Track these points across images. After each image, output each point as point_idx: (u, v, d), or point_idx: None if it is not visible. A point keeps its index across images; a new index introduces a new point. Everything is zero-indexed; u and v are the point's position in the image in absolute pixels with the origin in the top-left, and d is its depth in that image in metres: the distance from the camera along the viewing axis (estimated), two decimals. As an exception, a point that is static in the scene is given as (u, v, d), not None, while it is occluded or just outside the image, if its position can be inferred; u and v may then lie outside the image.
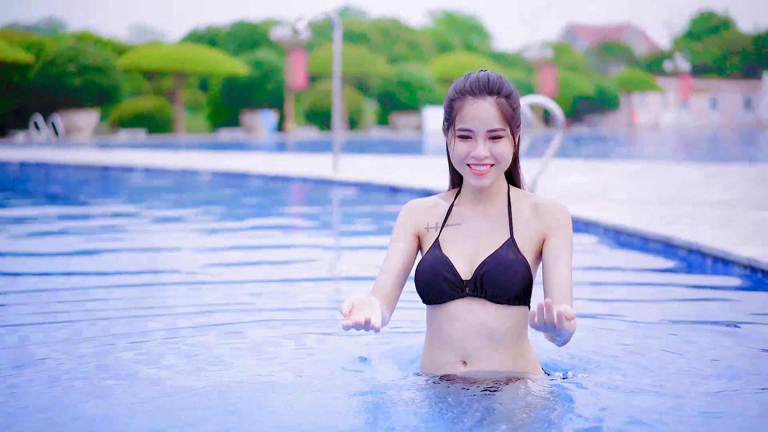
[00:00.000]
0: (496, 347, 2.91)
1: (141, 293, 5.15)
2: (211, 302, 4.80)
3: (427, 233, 3.00)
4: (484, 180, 2.87)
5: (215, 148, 26.89)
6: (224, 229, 8.41)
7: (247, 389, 3.10)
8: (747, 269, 5.53)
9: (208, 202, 11.33)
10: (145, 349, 3.71)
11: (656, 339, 3.94)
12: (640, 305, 4.96)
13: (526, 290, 2.90)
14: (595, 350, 3.62)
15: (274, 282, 5.46)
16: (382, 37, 53.27)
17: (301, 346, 3.78)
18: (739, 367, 3.43)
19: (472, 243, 2.94)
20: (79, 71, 35.54)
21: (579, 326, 4.05)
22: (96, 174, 15.91)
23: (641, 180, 12.30)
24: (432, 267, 2.91)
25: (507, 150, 2.87)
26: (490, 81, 2.86)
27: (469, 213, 2.97)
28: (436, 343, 2.97)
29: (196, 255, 6.71)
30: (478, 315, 2.90)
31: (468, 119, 2.84)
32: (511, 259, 2.87)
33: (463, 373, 2.93)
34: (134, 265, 6.24)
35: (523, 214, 2.94)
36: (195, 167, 15.36)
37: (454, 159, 2.90)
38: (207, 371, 3.34)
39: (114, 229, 8.37)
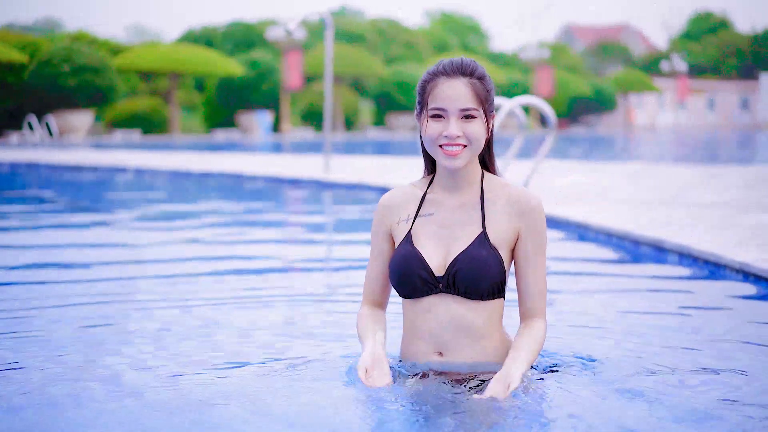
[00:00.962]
0: (472, 340, 2.91)
1: (122, 295, 5.06)
2: (193, 304, 4.71)
3: (398, 227, 2.99)
4: (456, 161, 2.84)
5: (210, 148, 26.79)
6: (208, 230, 8.28)
7: (224, 383, 3.11)
8: (739, 274, 5.41)
9: (195, 204, 11.19)
10: (126, 353, 3.63)
11: (641, 343, 3.84)
12: (627, 309, 4.83)
13: (500, 285, 2.90)
14: (577, 351, 3.56)
15: (253, 283, 5.34)
16: (379, 37, 53.18)
17: (278, 345, 3.72)
18: (724, 373, 3.35)
19: (444, 235, 2.92)
20: (73, 71, 35.41)
21: (565, 328, 4.11)
22: (86, 175, 15.77)
23: (636, 181, 12.18)
24: (405, 263, 2.91)
25: (480, 131, 2.85)
26: (463, 63, 2.87)
27: (442, 201, 2.95)
28: (411, 335, 2.98)
29: (177, 257, 6.60)
30: (453, 310, 2.90)
31: (441, 98, 2.83)
32: (483, 256, 2.85)
33: (440, 364, 2.93)
34: (117, 267, 6.13)
35: (497, 206, 2.92)
36: (186, 168, 15.22)
37: (426, 141, 2.87)
38: (189, 376, 3.27)
39: (99, 231, 8.25)
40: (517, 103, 9.55)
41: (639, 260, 6.42)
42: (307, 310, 4.64)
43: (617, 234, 7.00)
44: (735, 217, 7.77)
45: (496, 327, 2.94)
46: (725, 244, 6.03)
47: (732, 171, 14.19)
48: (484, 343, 2.92)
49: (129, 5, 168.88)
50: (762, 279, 5.17)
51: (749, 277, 5.30)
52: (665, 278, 5.80)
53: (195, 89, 45.88)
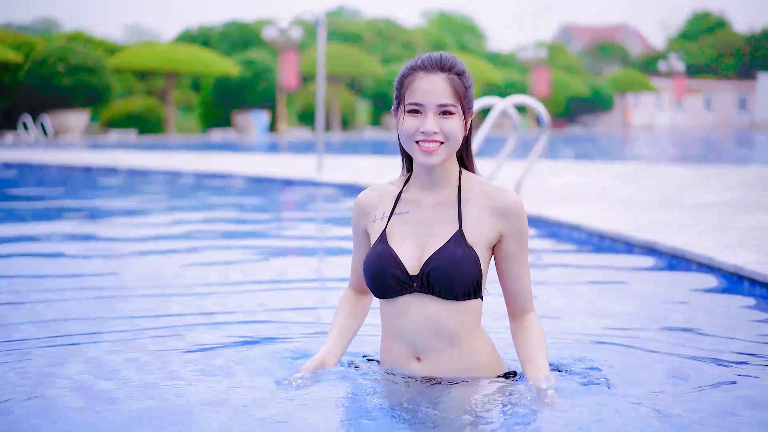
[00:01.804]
0: (449, 342, 2.83)
1: (104, 298, 4.96)
2: (175, 307, 4.63)
3: (374, 225, 2.93)
4: (432, 157, 2.76)
5: (205, 149, 26.69)
6: (194, 232, 8.17)
7: (199, 388, 3.05)
8: (733, 276, 5.29)
9: (183, 205, 11.08)
10: (101, 358, 3.55)
11: (631, 346, 3.76)
12: (618, 312, 4.74)
13: (476, 285, 2.81)
14: (564, 355, 3.49)
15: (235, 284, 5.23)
16: (377, 37, 53.10)
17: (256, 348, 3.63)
18: (707, 376, 3.28)
19: (419, 234, 2.85)
20: (68, 71, 35.31)
21: (553, 332, 4.02)
22: (77, 175, 15.65)
23: (631, 182, 12.07)
24: (378, 262, 2.84)
25: (457, 128, 2.77)
26: (442, 58, 2.80)
27: (418, 200, 2.88)
28: (389, 337, 2.92)
29: (163, 258, 6.51)
30: (428, 310, 2.82)
31: (418, 93, 2.76)
32: (458, 255, 2.77)
33: (420, 373, 2.87)
34: (100, 268, 6.02)
35: (475, 205, 2.84)
36: (178, 169, 15.10)
37: (402, 136, 2.80)
38: (166, 381, 3.21)
39: (85, 231, 8.13)
40: (510, 103, 9.44)
41: (632, 263, 6.30)
42: (289, 315, 4.54)
43: (610, 236, 6.89)
44: (731, 218, 7.66)
45: (474, 329, 2.87)
46: (720, 247, 5.92)
47: (729, 171, 14.09)
48: (461, 347, 2.84)
49: (128, 5, 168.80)
50: (756, 282, 5.05)
51: (743, 279, 5.19)
52: (657, 281, 5.68)
53: (191, 89, 45.77)
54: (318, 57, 13.76)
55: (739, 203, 8.95)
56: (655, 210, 8.40)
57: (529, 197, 9.62)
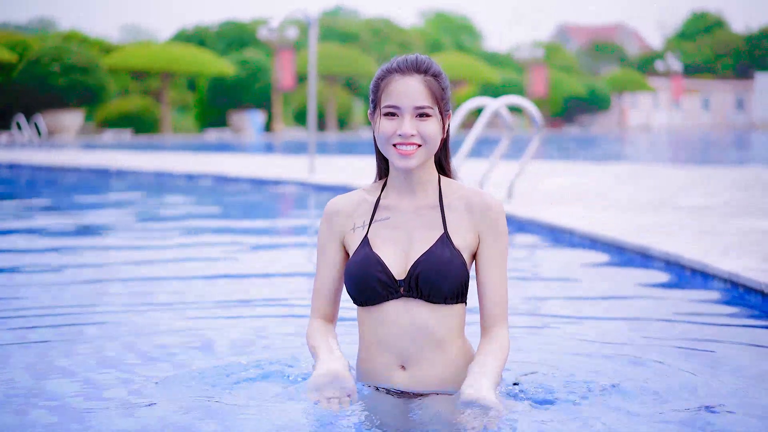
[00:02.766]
0: (435, 348, 2.77)
1: (85, 301, 4.87)
2: (155, 310, 4.56)
3: (353, 233, 2.84)
4: (410, 161, 2.72)
5: (201, 149, 26.57)
6: (180, 233, 8.02)
7: (176, 407, 2.93)
8: (728, 284, 5.13)
9: (171, 206, 10.91)
10: (80, 361, 3.49)
11: (619, 356, 3.66)
12: (606, 319, 4.61)
13: (463, 288, 2.77)
14: (551, 363, 3.43)
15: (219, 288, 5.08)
16: (374, 37, 52.94)
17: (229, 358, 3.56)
18: (702, 390, 3.16)
19: (403, 239, 2.79)
20: (63, 71, 35.16)
21: (540, 338, 3.95)
22: (67, 176, 15.48)
23: (626, 183, 11.93)
24: (363, 267, 2.76)
25: (435, 130, 2.73)
26: (418, 60, 2.75)
27: (397, 205, 2.82)
28: (371, 348, 2.82)
29: (147, 260, 6.40)
30: (415, 316, 2.76)
31: (395, 95, 2.72)
32: (446, 256, 2.73)
33: (404, 384, 2.78)
34: (82, 270, 5.92)
35: (456, 208, 2.80)
36: (169, 170, 14.94)
37: (379, 140, 2.75)
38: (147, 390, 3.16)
39: (68, 232, 7.97)
40: (502, 103, 9.28)
41: (624, 268, 6.15)
42: (267, 322, 4.40)
43: (603, 240, 6.73)
44: (727, 221, 7.51)
45: (459, 335, 2.81)
46: (713, 252, 5.76)
47: (725, 173, 13.94)
48: (447, 353, 2.78)
49: (125, 5, 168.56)
50: (750, 289, 4.89)
51: (738, 286, 5.03)
52: (649, 287, 5.52)
53: (188, 89, 45.61)
54: (309, 56, 13.61)
55: (735, 206, 8.80)
56: (650, 212, 8.24)
57: (522, 199, 9.46)
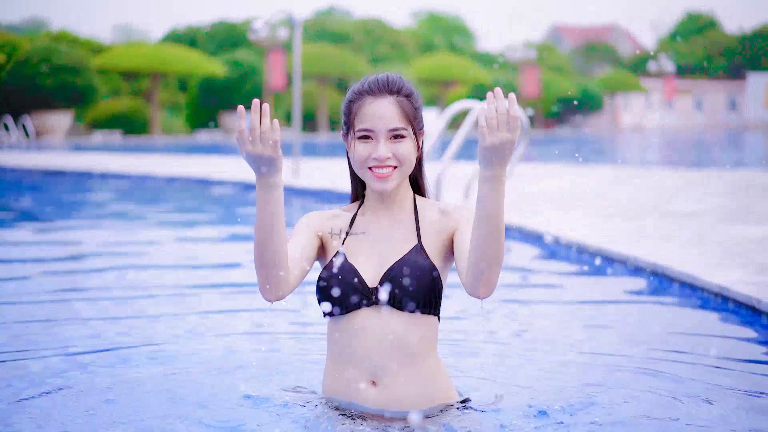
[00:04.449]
0: (406, 362, 2.72)
1: (62, 303, 4.84)
2: (132, 315, 4.53)
3: (330, 239, 2.82)
4: (386, 183, 2.72)
5: (190, 150, 26.37)
6: (157, 237, 7.80)
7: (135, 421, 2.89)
8: (717, 297, 4.91)
9: (150, 210, 10.67)
10: (53, 365, 3.48)
11: (601, 371, 3.54)
12: (588, 331, 4.41)
13: (436, 297, 2.74)
14: (521, 378, 3.38)
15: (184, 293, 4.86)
16: (366, 37, 52.75)
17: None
18: (682, 409, 3.04)
19: (378, 250, 2.78)
20: (52, 71, 34.88)
21: (521, 350, 3.84)
22: (48, 179, 15.23)
23: (615, 188, 11.72)
24: (336, 274, 2.73)
25: (410, 151, 2.73)
26: (389, 80, 2.75)
27: (374, 221, 2.83)
28: (340, 361, 2.77)
29: (119, 265, 6.26)
30: (386, 325, 2.72)
31: (368, 118, 2.71)
32: (420, 263, 2.72)
33: (375, 408, 2.72)
34: (60, 273, 5.86)
35: (431, 220, 2.81)
36: (152, 172, 14.69)
37: (354, 163, 2.74)
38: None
39: (45, 236, 7.75)
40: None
41: (609, 279, 5.92)
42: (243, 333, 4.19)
43: (589, 250, 6.50)
44: (716, 228, 7.29)
45: (431, 351, 2.77)
46: (703, 263, 5.54)
47: (716, 176, 13.74)
48: (419, 367, 2.73)
49: (118, 5, 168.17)
50: (741, 304, 4.67)
51: (728, 300, 4.81)
52: (634, 300, 5.30)
53: (179, 89, 45.35)
54: (294, 58, 13.40)
55: (727, 211, 8.59)
56: (639, 219, 8.02)
57: (507, 205, 9.22)
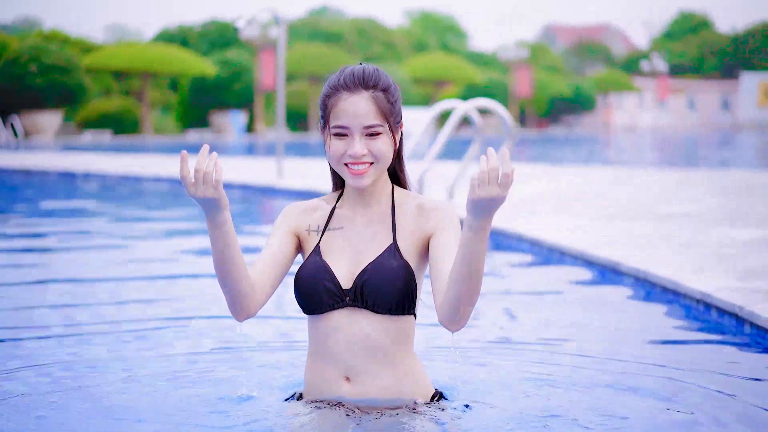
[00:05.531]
0: (381, 362, 2.74)
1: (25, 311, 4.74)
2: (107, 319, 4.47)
3: (308, 236, 2.83)
4: (363, 180, 2.71)
5: (178, 150, 26.07)
6: (134, 239, 7.61)
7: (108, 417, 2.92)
8: (700, 305, 4.74)
9: (128, 211, 10.47)
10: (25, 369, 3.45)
11: (576, 374, 3.51)
12: (571, 337, 4.27)
13: (410, 299, 2.73)
14: (501, 380, 3.36)
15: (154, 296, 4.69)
16: (359, 37, 52.58)
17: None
18: (660, 417, 2.95)
19: (354, 249, 2.78)
20: (41, 71, 34.63)
21: (501, 354, 3.82)
22: (32, 179, 15.03)
23: (603, 189, 11.56)
24: (311, 275, 2.74)
25: (386, 147, 2.71)
26: (365, 74, 2.71)
27: (351, 216, 2.82)
28: (317, 357, 2.80)
29: (103, 265, 6.21)
30: (360, 326, 2.73)
31: (343, 115, 2.68)
32: (393, 266, 2.71)
33: (348, 398, 2.76)
34: (40, 276, 5.77)
35: (408, 216, 2.79)
36: (135, 173, 14.49)
37: (330, 159, 2.73)
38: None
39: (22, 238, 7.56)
40: (472, 106, 8.91)
41: (592, 285, 5.75)
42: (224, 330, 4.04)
43: (572, 254, 6.33)
44: (703, 232, 7.13)
45: (407, 350, 2.78)
46: (687, 268, 5.37)
47: (708, 176, 13.60)
48: (394, 368, 2.75)
49: (111, 4, 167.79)
50: (723, 311, 4.50)
51: (710, 307, 4.64)
52: (617, 307, 5.13)
53: (171, 89, 45.13)
54: (279, 56, 13.21)
55: (716, 213, 8.43)
56: (626, 221, 7.86)
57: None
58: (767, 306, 4.25)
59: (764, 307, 4.22)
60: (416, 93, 46.23)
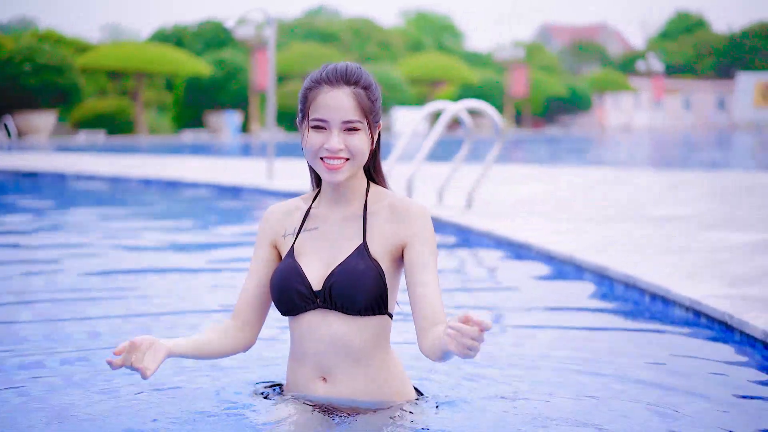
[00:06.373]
0: (355, 362, 2.75)
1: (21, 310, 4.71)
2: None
3: (284, 240, 2.86)
4: (337, 175, 2.70)
5: (174, 150, 26.09)
6: (118, 242, 7.50)
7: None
8: (689, 312, 4.63)
9: (118, 213, 10.35)
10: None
11: (561, 380, 3.46)
12: (556, 343, 4.16)
13: (381, 299, 2.73)
14: (483, 384, 3.34)
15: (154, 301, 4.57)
16: (354, 37, 52.47)
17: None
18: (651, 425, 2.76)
19: (326, 249, 2.79)
20: (35, 71, 34.48)
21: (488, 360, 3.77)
22: (21, 180, 14.91)
23: (595, 191, 11.46)
24: (283, 277, 2.77)
25: (363, 144, 2.71)
26: (348, 70, 2.72)
27: (326, 215, 2.82)
28: (295, 357, 2.85)
29: (84, 267, 6.09)
30: (333, 327, 2.75)
31: (322, 108, 2.69)
32: (360, 268, 2.71)
33: (325, 398, 2.78)
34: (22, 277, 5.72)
35: (379, 217, 2.78)
36: (125, 174, 14.36)
37: (307, 152, 2.73)
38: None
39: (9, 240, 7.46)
40: (461, 107, 8.80)
41: (580, 290, 5.65)
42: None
43: (560, 258, 6.22)
44: (695, 236, 7.03)
45: (381, 349, 2.78)
46: (677, 274, 5.27)
47: (702, 178, 13.51)
48: (367, 367, 2.76)
49: (107, 4, 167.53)
50: (713, 318, 4.39)
51: (700, 315, 4.54)
52: (605, 312, 5.02)
53: (166, 89, 44.98)
54: (269, 56, 13.10)
55: (708, 216, 8.33)
56: (617, 225, 7.76)
57: (482, 209, 8.96)
58: (757, 314, 4.15)
59: (754, 316, 4.12)
60: (411, 93, 46.11)
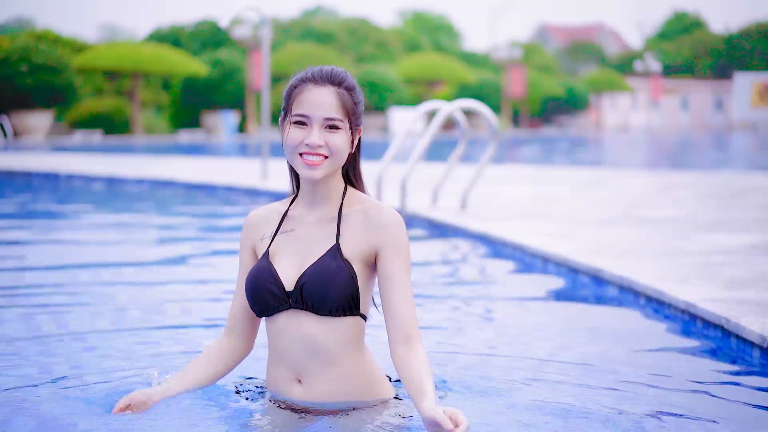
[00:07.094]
0: (328, 363, 2.78)
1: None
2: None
3: (261, 243, 2.90)
4: (315, 171, 2.72)
5: (170, 150, 26.00)
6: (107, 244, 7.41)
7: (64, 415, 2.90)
8: (685, 314, 4.56)
9: (109, 214, 10.27)
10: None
11: (555, 382, 3.42)
12: (550, 346, 4.10)
13: (353, 300, 2.75)
14: (469, 384, 3.31)
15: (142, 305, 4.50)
16: (351, 37, 52.38)
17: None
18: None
19: (300, 251, 2.82)
20: (31, 71, 34.38)
21: (465, 356, 3.80)
22: (15, 180, 14.82)
23: (590, 192, 11.38)
24: (256, 278, 2.81)
25: (343, 143, 2.74)
26: (333, 72, 2.77)
27: (303, 217, 2.86)
28: (272, 357, 2.89)
29: (75, 269, 6.03)
30: (304, 328, 2.78)
31: (305, 104, 2.73)
32: (332, 268, 2.73)
33: (301, 401, 2.80)
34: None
35: (353, 219, 2.80)
36: (119, 174, 14.27)
37: (286, 148, 2.76)
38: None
39: None
40: (456, 107, 8.72)
41: (575, 292, 5.57)
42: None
43: (554, 260, 6.14)
44: (691, 237, 6.95)
45: (354, 349, 2.80)
46: (672, 276, 5.19)
47: (698, 178, 13.43)
48: (340, 368, 2.78)
49: (104, 4, 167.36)
50: (708, 322, 4.31)
51: (695, 318, 4.46)
52: (599, 316, 4.94)
53: (162, 89, 44.88)
54: (263, 56, 13.01)
55: (704, 218, 8.26)
56: (611, 226, 7.68)
57: (475, 210, 8.88)
58: (754, 318, 4.07)
59: (750, 320, 4.04)
60: (408, 93, 46.01)
